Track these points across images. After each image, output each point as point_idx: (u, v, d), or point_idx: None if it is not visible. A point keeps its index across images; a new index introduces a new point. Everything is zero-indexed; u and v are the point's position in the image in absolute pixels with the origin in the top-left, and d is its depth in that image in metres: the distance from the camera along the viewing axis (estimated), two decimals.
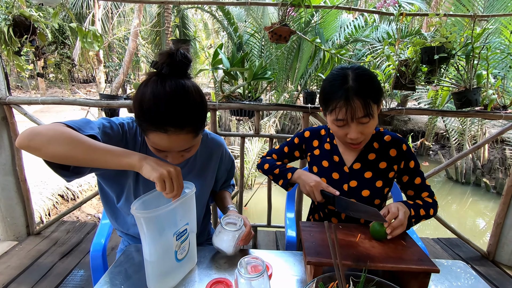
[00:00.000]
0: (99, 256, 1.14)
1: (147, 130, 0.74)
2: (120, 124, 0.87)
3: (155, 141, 0.74)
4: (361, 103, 0.87)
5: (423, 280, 0.74)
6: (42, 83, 10.71)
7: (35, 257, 1.94)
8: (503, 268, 2.00)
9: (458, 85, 1.93)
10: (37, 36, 2.06)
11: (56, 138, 0.66)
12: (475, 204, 5.21)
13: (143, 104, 0.71)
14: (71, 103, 1.87)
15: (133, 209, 0.68)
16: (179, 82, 0.73)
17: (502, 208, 2.02)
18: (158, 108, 0.70)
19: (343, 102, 0.88)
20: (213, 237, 0.94)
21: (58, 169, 0.73)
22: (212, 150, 1.04)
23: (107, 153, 0.69)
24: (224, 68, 1.80)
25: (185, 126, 0.72)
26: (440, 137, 8.02)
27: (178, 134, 0.73)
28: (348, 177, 1.05)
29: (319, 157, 1.11)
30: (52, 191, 3.62)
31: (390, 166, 1.04)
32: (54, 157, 0.67)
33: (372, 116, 0.90)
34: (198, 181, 1.00)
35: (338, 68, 0.94)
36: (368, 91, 0.88)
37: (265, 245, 2.25)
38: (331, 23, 7.08)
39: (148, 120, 0.72)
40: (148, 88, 0.72)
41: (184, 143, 0.76)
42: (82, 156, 0.68)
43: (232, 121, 7.66)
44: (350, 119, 0.89)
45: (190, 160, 0.99)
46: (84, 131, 0.73)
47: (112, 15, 8.01)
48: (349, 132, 0.91)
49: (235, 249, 0.91)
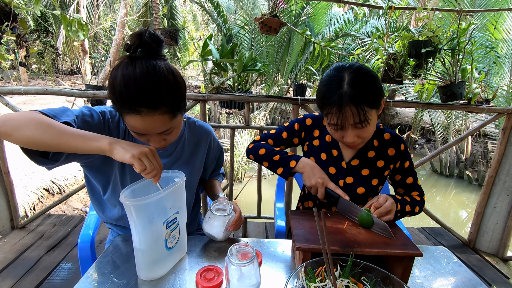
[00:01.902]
0: (87, 248, 1.13)
1: (122, 113, 0.73)
2: (101, 112, 0.85)
3: (131, 123, 0.74)
4: (354, 110, 0.83)
5: (407, 264, 0.76)
6: (24, 74, 10.32)
7: (20, 251, 1.90)
8: (482, 255, 2.09)
9: (444, 79, 1.97)
10: (18, 23, 1.98)
11: (27, 124, 0.66)
12: (458, 196, 5.40)
13: (115, 87, 0.71)
14: (55, 93, 1.82)
15: (122, 197, 0.68)
16: (149, 62, 0.71)
17: (482, 198, 2.10)
18: (129, 89, 0.69)
19: (336, 109, 0.85)
20: (203, 223, 0.94)
21: (35, 156, 0.72)
22: (200, 137, 1.04)
23: (77, 137, 0.68)
24: (213, 59, 1.78)
25: (158, 106, 0.71)
26: (426, 131, 8.23)
27: (152, 115, 0.71)
28: (345, 173, 1.04)
29: (317, 149, 1.08)
30: (36, 185, 3.53)
31: (387, 165, 1.03)
32: (24, 142, 0.67)
33: (367, 122, 0.86)
34: (187, 168, 1.00)
35: (335, 69, 0.90)
36: (363, 97, 0.84)
37: (255, 236, 2.27)
38: (321, 17, 7.09)
39: (121, 103, 0.71)
40: (119, 71, 0.71)
41: (160, 124, 0.75)
42: (50, 141, 0.66)
43: (222, 115, 7.62)
44: (342, 126, 0.88)
45: (178, 147, 0.98)
46: (59, 118, 0.72)
47: (98, 4, 7.76)
48: (345, 136, 0.90)
49: (225, 234, 0.92)
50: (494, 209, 2.05)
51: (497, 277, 1.87)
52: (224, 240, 0.95)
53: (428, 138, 8.16)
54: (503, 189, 2.00)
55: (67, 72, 15.37)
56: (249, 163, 4.98)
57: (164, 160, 0.96)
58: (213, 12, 7.16)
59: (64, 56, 10.80)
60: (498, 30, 4.43)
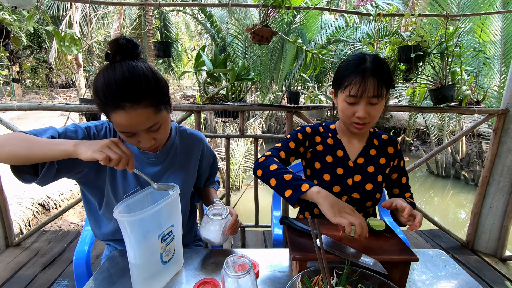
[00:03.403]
0: (82, 264, 1.12)
1: (108, 113, 0.76)
2: (86, 127, 0.88)
3: (118, 121, 0.76)
4: (375, 82, 0.92)
5: (404, 269, 0.77)
6: (18, 89, 10.29)
7: (15, 269, 1.87)
8: (481, 256, 2.09)
9: (435, 82, 2.00)
10: (11, 40, 1.99)
11: (7, 141, 0.72)
12: (455, 196, 5.42)
13: (98, 89, 0.74)
14: (49, 108, 1.82)
15: (116, 213, 0.68)
16: (128, 63, 0.76)
17: (478, 198, 2.11)
18: (110, 87, 0.73)
19: (358, 79, 0.93)
20: (200, 228, 0.95)
21: (25, 175, 0.77)
22: (192, 144, 1.06)
23: (46, 145, 0.72)
24: (207, 69, 1.80)
25: (140, 100, 0.74)
26: (421, 133, 8.29)
27: (135, 108, 0.74)
28: (353, 172, 1.07)
29: (322, 153, 1.10)
30: (31, 200, 3.48)
31: (388, 162, 1.10)
32: (5, 158, 0.72)
33: (381, 98, 0.95)
34: (180, 175, 1.01)
35: (356, 54, 0.99)
36: (383, 74, 0.94)
37: (253, 245, 2.26)
38: (313, 24, 7.19)
39: (104, 102, 0.74)
40: (100, 75, 0.75)
41: (145, 118, 0.77)
42: (25, 152, 0.71)
43: (218, 123, 7.64)
44: (361, 95, 0.93)
45: (170, 154, 0.99)
46: (41, 135, 0.77)
47: (91, 18, 7.82)
48: (358, 110, 0.95)
49: (222, 238, 0.93)
50: (490, 209, 2.06)
51: (496, 278, 1.87)
52: (222, 244, 0.95)
53: (423, 140, 8.22)
54: (498, 189, 2.02)
55: (61, 86, 15.35)
56: (246, 171, 4.97)
57: (157, 168, 0.96)
58: (206, 22, 7.24)
59: (58, 71, 10.79)
60: (486, 33, 4.53)
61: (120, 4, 2.19)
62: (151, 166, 0.96)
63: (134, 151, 0.93)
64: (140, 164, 0.95)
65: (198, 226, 1.30)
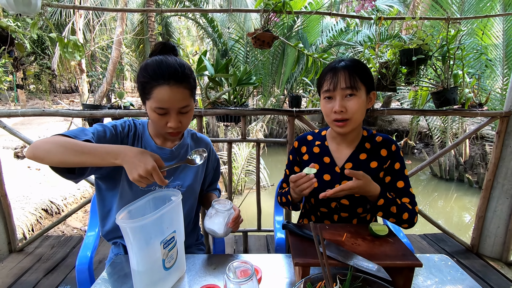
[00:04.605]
0: (85, 270, 1.12)
1: (152, 88, 0.87)
2: (113, 126, 0.98)
3: (160, 96, 0.87)
4: (346, 74, 0.95)
5: (408, 274, 0.76)
6: (22, 95, 10.40)
7: (18, 275, 1.87)
8: (486, 260, 2.06)
9: (437, 85, 2.00)
10: (15, 47, 2.02)
11: (55, 147, 0.79)
12: (459, 199, 5.37)
13: (148, 68, 0.89)
14: (52, 114, 1.83)
15: (118, 219, 0.68)
16: (172, 55, 0.95)
17: (482, 202, 2.09)
18: (161, 66, 0.88)
19: (331, 74, 0.98)
20: (205, 220, 0.98)
21: (65, 173, 0.84)
22: (200, 145, 1.16)
23: (94, 154, 0.79)
24: (208, 74, 1.81)
25: (183, 80, 0.89)
26: (423, 136, 8.26)
27: (178, 86, 0.88)
28: (340, 178, 1.05)
29: (308, 162, 1.11)
30: (35, 205, 3.50)
31: (380, 165, 1.05)
32: (55, 163, 0.79)
33: (356, 90, 0.96)
34: (191, 171, 1.08)
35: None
36: (356, 68, 0.97)
37: (256, 250, 2.25)
38: (314, 28, 7.22)
39: (153, 77, 0.87)
40: (149, 59, 0.91)
41: (182, 97, 0.90)
42: (73, 160, 0.78)
43: (220, 127, 7.64)
44: (334, 88, 0.96)
45: (182, 151, 1.08)
46: (80, 138, 0.84)
47: (94, 24, 7.90)
48: (334, 105, 0.97)
49: (226, 230, 0.95)
50: (495, 212, 2.04)
51: (501, 282, 1.85)
52: (224, 236, 0.98)
53: (426, 143, 8.18)
54: (502, 192, 2.00)
55: (65, 91, 15.48)
56: (248, 175, 4.97)
57: (171, 162, 1.05)
58: (207, 27, 7.30)
59: (60, 77, 10.88)
60: (487, 35, 4.53)
61: (122, 10, 2.22)
62: (166, 161, 1.03)
63: (151, 146, 1.03)
64: None
65: (200, 231, 1.31)
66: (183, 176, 1.06)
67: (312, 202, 1.14)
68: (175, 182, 1.05)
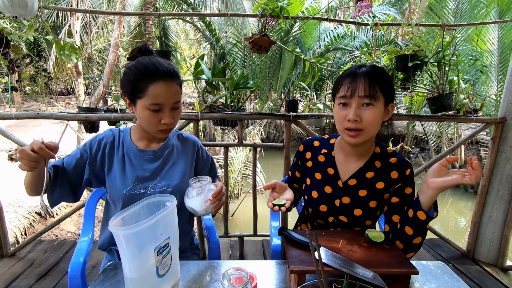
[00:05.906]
0: (77, 276, 1.09)
1: (147, 85, 0.92)
2: (84, 145, 1.05)
3: (155, 91, 0.92)
4: (366, 81, 0.89)
5: (404, 282, 0.75)
6: (18, 97, 10.30)
7: (9, 280, 1.83)
8: (482, 265, 2.07)
9: (432, 91, 2.02)
10: (11, 49, 2.00)
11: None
12: (455, 204, 5.40)
13: (139, 67, 0.93)
14: (47, 117, 1.81)
15: (111, 226, 0.67)
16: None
17: (478, 207, 2.10)
18: (154, 64, 0.94)
19: (350, 79, 0.92)
20: (185, 198, 0.96)
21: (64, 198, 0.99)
22: (187, 145, 1.16)
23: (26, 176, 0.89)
24: (205, 78, 1.80)
25: (173, 77, 0.96)
26: (419, 140, 8.31)
27: (171, 82, 0.95)
28: (341, 193, 1.01)
29: (311, 169, 1.08)
30: (28, 209, 3.45)
31: (387, 187, 0.98)
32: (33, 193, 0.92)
33: (374, 100, 0.89)
34: (178, 170, 1.08)
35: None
36: (377, 75, 0.90)
37: (252, 255, 2.23)
38: (311, 32, 7.27)
39: (147, 75, 0.92)
40: (135, 61, 0.96)
41: (175, 92, 0.97)
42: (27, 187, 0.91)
43: (216, 131, 7.63)
44: (352, 95, 0.90)
45: (167, 152, 1.09)
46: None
47: (91, 27, 7.88)
48: (349, 113, 0.90)
49: (205, 207, 0.92)
50: (490, 218, 2.05)
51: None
52: (206, 214, 0.97)
53: (422, 147, 8.23)
54: (497, 197, 2.01)
55: (61, 93, 15.39)
56: (245, 179, 4.96)
57: (155, 164, 1.06)
58: (205, 30, 7.31)
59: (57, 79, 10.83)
60: (483, 41, 4.59)
61: (119, 14, 2.21)
62: (149, 162, 1.05)
63: (133, 150, 1.04)
64: (140, 161, 1.04)
65: (195, 235, 1.30)
66: (169, 176, 1.06)
67: (310, 212, 1.11)
68: (162, 183, 1.04)
